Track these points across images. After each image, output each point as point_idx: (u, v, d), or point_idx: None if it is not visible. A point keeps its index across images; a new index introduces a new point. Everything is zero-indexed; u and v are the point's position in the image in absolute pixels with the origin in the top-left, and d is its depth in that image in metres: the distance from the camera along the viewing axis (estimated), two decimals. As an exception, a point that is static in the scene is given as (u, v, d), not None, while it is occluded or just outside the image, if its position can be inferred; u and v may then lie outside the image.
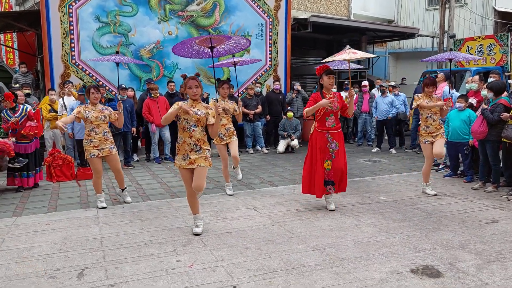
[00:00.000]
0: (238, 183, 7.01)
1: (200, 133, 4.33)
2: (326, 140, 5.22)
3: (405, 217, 5.10)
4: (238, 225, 4.86)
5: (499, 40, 12.70)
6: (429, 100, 5.96)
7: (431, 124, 5.97)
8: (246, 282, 3.45)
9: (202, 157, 4.34)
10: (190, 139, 4.31)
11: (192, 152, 4.33)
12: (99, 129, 5.47)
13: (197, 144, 4.32)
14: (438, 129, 5.99)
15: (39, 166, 6.97)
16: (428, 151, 6.06)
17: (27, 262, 3.88)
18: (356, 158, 9.46)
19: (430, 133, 5.99)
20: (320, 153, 5.24)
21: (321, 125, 5.23)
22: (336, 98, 5.18)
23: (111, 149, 5.56)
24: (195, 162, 4.33)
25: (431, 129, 5.98)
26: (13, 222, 5.05)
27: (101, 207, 5.60)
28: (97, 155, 5.46)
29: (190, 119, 4.26)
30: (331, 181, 5.30)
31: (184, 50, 5.40)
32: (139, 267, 3.75)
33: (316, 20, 12.89)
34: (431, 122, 5.97)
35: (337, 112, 5.27)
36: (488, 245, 4.20)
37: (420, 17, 18.83)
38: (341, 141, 5.32)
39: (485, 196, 6.07)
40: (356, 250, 4.10)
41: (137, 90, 9.64)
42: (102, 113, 5.49)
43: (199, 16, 10.45)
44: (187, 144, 4.32)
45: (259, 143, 10.61)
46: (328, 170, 5.27)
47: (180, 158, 4.39)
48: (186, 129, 4.30)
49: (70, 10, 9.11)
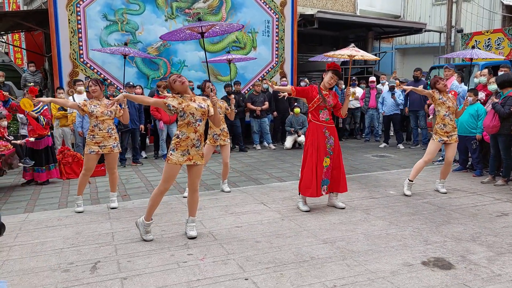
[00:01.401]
0: (246, 179, 7.04)
1: (203, 127, 4.28)
2: (324, 136, 5.12)
3: (415, 211, 5.09)
4: (248, 219, 4.88)
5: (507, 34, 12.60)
6: (442, 97, 5.78)
7: (448, 123, 5.73)
8: (257, 274, 3.47)
9: (199, 154, 4.25)
10: (194, 134, 4.18)
11: (193, 148, 4.20)
12: (104, 125, 5.26)
13: (199, 140, 4.24)
14: (454, 129, 5.80)
15: (53, 163, 7.01)
16: (435, 149, 5.80)
17: (41, 256, 3.92)
18: (364, 154, 9.44)
19: (447, 132, 5.75)
20: (321, 150, 5.11)
21: (315, 117, 5.11)
22: (331, 96, 5.13)
23: (113, 147, 5.32)
24: (193, 159, 4.22)
25: (448, 128, 5.74)
26: (25, 218, 5.10)
27: (78, 211, 5.26)
28: (97, 151, 5.23)
29: (196, 113, 4.15)
30: (326, 179, 5.16)
31: (174, 37, 5.14)
32: (151, 260, 3.78)
33: (322, 16, 12.86)
34: (449, 121, 5.73)
35: (330, 108, 5.17)
36: (499, 238, 4.19)
37: (427, 12, 18.70)
38: (336, 136, 5.22)
39: (495, 190, 6.03)
40: (366, 243, 4.10)
41: (144, 88, 9.68)
42: (108, 108, 5.27)
43: (206, 13, 10.46)
44: (190, 140, 4.18)
45: (266, 139, 10.63)
46: (326, 167, 5.13)
47: (179, 154, 4.20)
48: (192, 124, 4.15)
49: (77, 8, 9.17)
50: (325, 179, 5.16)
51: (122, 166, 8.36)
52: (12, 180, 7.33)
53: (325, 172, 5.14)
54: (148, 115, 9.21)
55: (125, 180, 7.16)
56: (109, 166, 5.44)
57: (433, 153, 5.84)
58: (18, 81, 10.61)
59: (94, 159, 5.30)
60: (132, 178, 7.31)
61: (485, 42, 13.13)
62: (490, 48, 12.97)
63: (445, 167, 5.98)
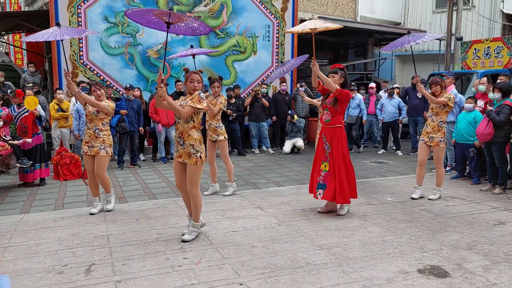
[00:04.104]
0: (244, 183, 7.03)
1: (183, 125, 4.23)
2: (322, 141, 5.20)
3: (412, 218, 5.08)
4: (244, 224, 4.87)
5: (506, 43, 12.62)
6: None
7: (429, 124, 5.92)
8: (252, 280, 3.45)
9: (186, 152, 4.23)
10: (177, 131, 4.30)
11: (178, 145, 4.29)
12: (91, 124, 5.24)
13: (181, 137, 4.24)
14: (435, 132, 5.83)
15: (43, 163, 6.96)
16: (420, 150, 6.05)
17: (35, 258, 3.90)
18: (362, 160, 9.44)
19: (427, 132, 5.93)
20: (320, 152, 5.24)
21: (320, 118, 5.23)
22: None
23: (100, 149, 5.22)
24: (181, 156, 4.29)
25: (428, 129, 5.91)
26: (21, 219, 5.09)
27: (90, 213, 5.24)
28: (86, 152, 5.24)
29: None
30: (324, 184, 5.15)
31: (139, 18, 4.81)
32: (145, 264, 3.76)
33: (323, 22, 12.87)
34: (430, 121, 5.91)
35: (332, 108, 5.06)
36: (496, 246, 4.18)
37: (427, 19, 18.76)
38: (336, 142, 5.09)
39: (492, 198, 6.03)
40: (362, 249, 4.09)
41: (144, 90, 9.68)
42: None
43: (207, 17, 10.48)
44: (176, 138, 4.32)
45: (265, 144, 10.63)
46: (326, 172, 5.13)
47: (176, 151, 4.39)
48: (176, 121, 4.31)
49: (78, 10, 9.18)
50: (323, 183, 5.16)
51: (120, 168, 8.35)
52: (9, 180, 7.31)
53: (324, 177, 5.15)
54: (147, 118, 9.21)
55: (123, 183, 7.15)
56: (95, 169, 5.28)
57: (420, 154, 6.04)
58: (17, 81, 10.60)
59: (86, 159, 5.33)
60: (130, 181, 7.30)
61: (485, 50, 13.16)
62: (489, 57, 13.01)
63: (417, 169, 6.14)
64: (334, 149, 5.10)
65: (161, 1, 9.96)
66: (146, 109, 9.08)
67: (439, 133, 5.83)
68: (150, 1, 9.84)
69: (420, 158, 6.04)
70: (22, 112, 6.74)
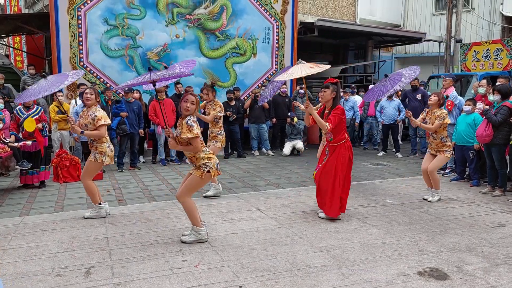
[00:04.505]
0: (243, 185, 7.03)
1: (187, 152, 4.33)
2: (324, 153, 5.25)
3: (411, 220, 5.08)
4: (244, 226, 4.87)
5: (506, 45, 12.65)
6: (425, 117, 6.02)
7: (432, 142, 5.95)
8: (252, 282, 3.45)
9: (197, 167, 4.31)
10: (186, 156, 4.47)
11: (191, 165, 4.43)
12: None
13: (192, 162, 4.37)
14: (440, 147, 5.88)
15: (45, 165, 6.99)
16: (425, 162, 6.06)
17: (34, 260, 3.90)
18: (362, 162, 9.44)
19: (433, 148, 6.00)
20: (319, 162, 5.32)
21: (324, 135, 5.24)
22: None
23: (92, 154, 5.15)
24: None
25: (433, 145, 5.96)
26: (21, 221, 5.08)
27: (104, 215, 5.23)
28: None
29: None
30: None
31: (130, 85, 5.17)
32: (145, 266, 3.76)
33: (322, 24, 12.92)
34: (432, 140, 5.94)
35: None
36: (495, 249, 4.18)
37: (426, 21, 18.80)
38: (336, 155, 5.04)
39: (492, 200, 6.03)
40: (362, 252, 4.09)
41: (143, 93, 9.68)
42: (86, 120, 5.07)
43: (207, 19, 10.50)
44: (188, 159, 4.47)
45: (264, 146, 10.62)
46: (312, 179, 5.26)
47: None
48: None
49: (78, 12, 9.19)
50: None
51: (120, 170, 8.35)
52: (9, 183, 7.31)
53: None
54: (147, 120, 9.21)
55: (122, 185, 7.15)
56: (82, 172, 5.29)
57: (424, 163, 6.09)
58: (17, 83, 10.60)
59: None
60: (130, 183, 7.30)
61: (484, 52, 13.18)
62: (488, 59, 13.03)
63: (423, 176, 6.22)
64: (328, 161, 5.11)
65: (161, 3, 9.98)
66: (146, 111, 9.09)
67: (444, 147, 5.90)
68: (150, 3, 9.87)
69: (423, 166, 6.07)
70: (32, 114, 6.75)
